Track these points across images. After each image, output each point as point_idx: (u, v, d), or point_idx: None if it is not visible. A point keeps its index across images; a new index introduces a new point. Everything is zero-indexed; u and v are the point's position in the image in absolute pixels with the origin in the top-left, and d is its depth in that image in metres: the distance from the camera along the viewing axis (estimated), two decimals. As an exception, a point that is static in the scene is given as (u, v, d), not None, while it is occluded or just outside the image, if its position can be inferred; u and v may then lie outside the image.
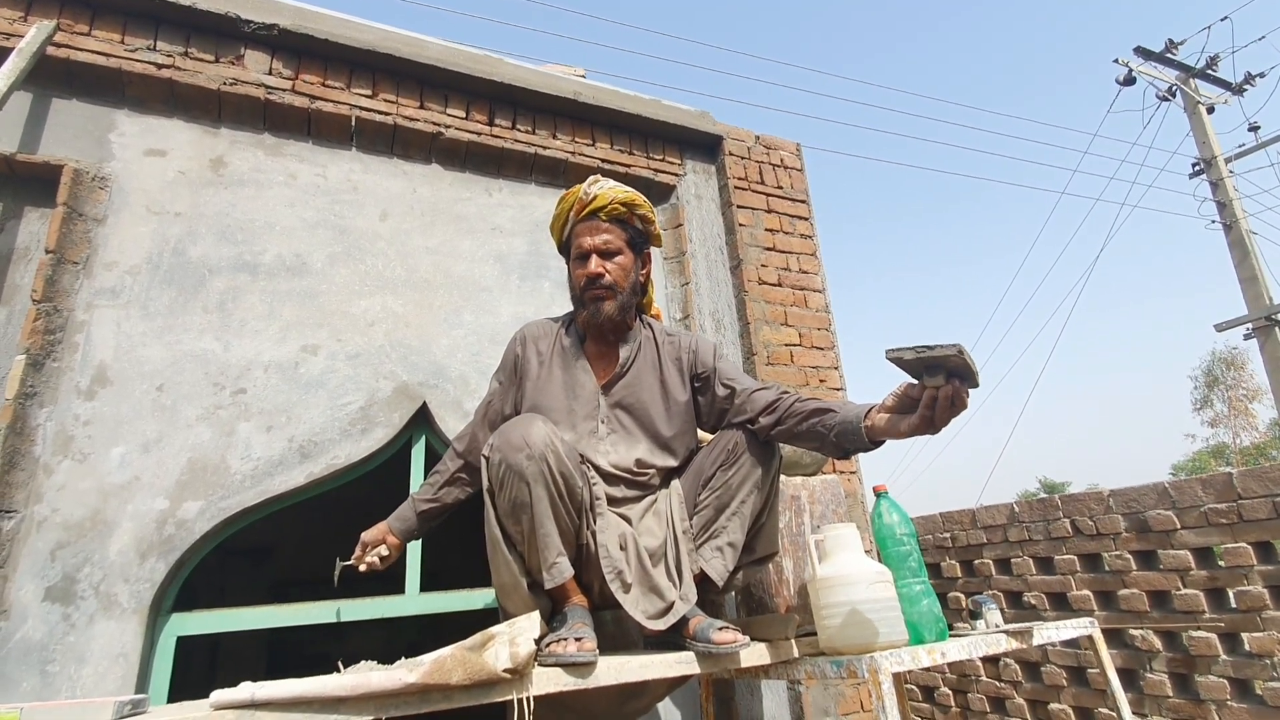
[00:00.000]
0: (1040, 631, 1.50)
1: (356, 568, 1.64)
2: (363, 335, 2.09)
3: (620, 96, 2.74)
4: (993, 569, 3.11)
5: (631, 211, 1.60)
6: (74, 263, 1.81)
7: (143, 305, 1.86)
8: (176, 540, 1.71)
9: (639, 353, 1.62)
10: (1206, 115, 9.64)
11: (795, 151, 3.13)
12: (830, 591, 1.34)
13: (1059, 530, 2.88)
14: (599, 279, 1.55)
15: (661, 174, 2.80)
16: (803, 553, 1.73)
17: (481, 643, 1.18)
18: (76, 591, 1.58)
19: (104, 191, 1.91)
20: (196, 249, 1.98)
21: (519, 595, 1.37)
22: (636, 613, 1.36)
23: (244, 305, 1.98)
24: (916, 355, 1.13)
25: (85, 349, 1.76)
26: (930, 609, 1.41)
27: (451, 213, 2.39)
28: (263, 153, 2.17)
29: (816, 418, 1.41)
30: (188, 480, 1.77)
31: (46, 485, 1.62)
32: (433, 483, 1.67)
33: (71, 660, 1.52)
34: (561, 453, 1.34)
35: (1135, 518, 2.67)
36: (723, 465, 1.50)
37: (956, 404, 1.16)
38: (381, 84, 2.35)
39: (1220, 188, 9.24)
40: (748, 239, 2.79)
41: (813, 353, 2.74)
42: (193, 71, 2.07)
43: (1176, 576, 2.55)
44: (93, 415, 1.72)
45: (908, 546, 1.47)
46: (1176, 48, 9.79)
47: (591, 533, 1.43)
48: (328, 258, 2.14)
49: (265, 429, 1.89)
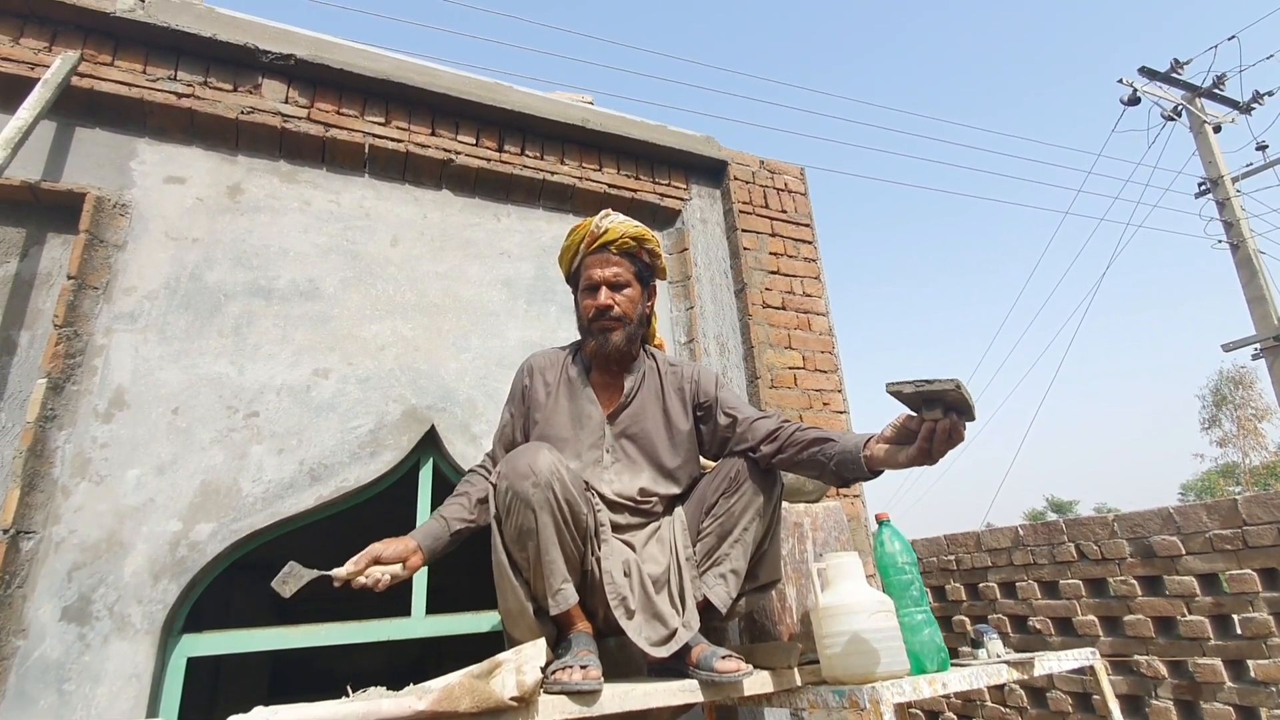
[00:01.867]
0: (1042, 662, 1.51)
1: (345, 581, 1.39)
2: (373, 359, 2.13)
3: (627, 123, 2.79)
4: (998, 592, 3.11)
5: (641, 246, 1.64)
6: (94, 288, 1.85)
7: (160, 329, 1.91)
8: (189, 562, 1.74)
9: (643, 383, 1.65)
10: (1213, 134, 9.66)
11: (799, 176, 3.17)
12: (833, 620, 1.36)
13: (1064, 554, 2.88)
14: (608, 310, 1.59)
15: (667, 199, 2.84)
16: (806, 580, 1.75)
17: (488, 670, 1.20)
18: (92, 612, 1.61)
19: (124, 218, 1.96)
20: (213, 274, 2.03)
21: (525, 621, 1.40)
22: (640, 639, 1.38)
23: (258, 329, 2.02)
24: (916, 389, 1.16)
25: (104, 373, 1.80)
26: (932, 638, 1.42)
27: (461, 238, 2.43)
28: (278, 180, 2.23)
29: (816, 447, 1.43)
30: (200, 502, 1.80)
31: (64, 507, 1.66)
32: (463, 503, 1.56)
33: (87, 680, 1.54)
34: (567, 480, 1.36)
35: (1140, 543, 2.67)
36: (725, 493, 1.52)
37: (954, 437, 1.19)
38: (394, 112, 2.41)
39: (1227, 207, 9.25)
40: (752, 263, 2.82)
41: (816, 375, 2.76)
42: (211, 101, 2.13)
43: (1182, 603, 2.54)
44: (110, 438, 1.76)
45: (909, 575, 1.49)
46: (1182, 67, 9.83)
47: (596, 559, 1.45)
48: (340, 282, 2.18)
49: (277, 451, 1.92)
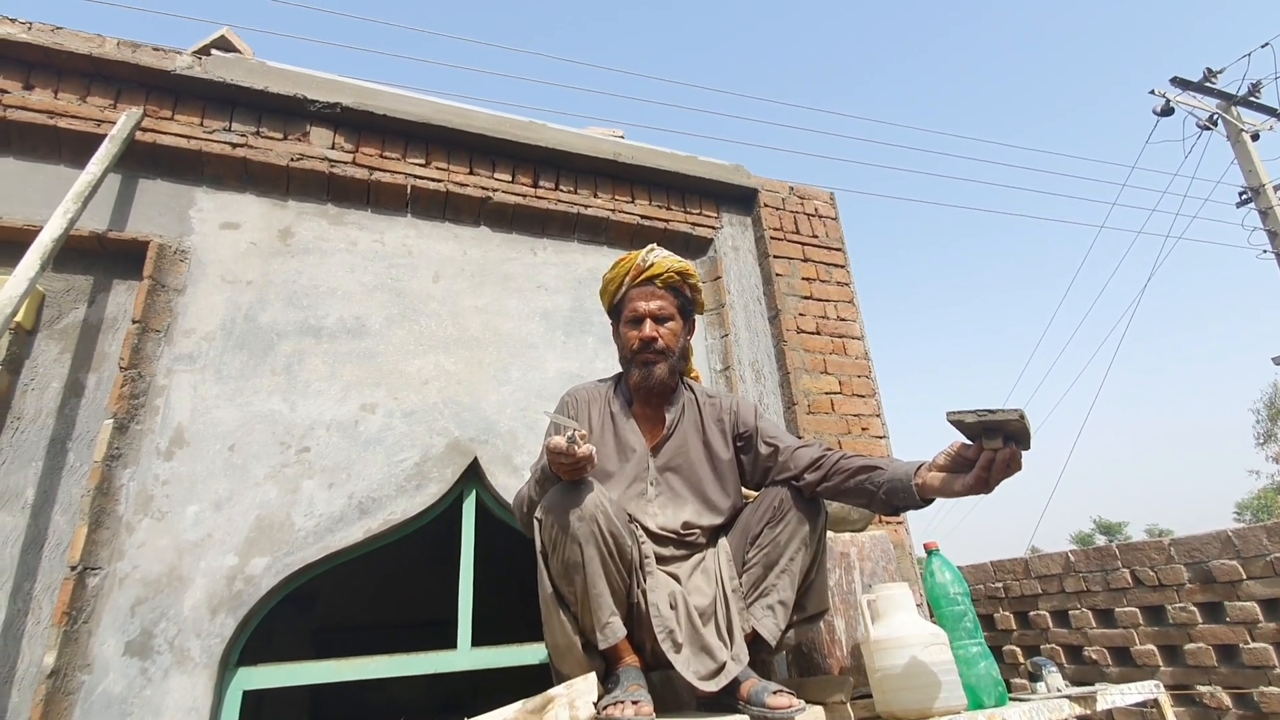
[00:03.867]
0: (1104, 696, 1.46)
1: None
2: (417, 393, 2.18)
3: (657, 155, 2.84)
4: (1049, 621, 3.01)
5: (684, 280, 1.68)
6: (156, 331, 1.94)
7: (217, 369, 1.98)
8: (245, 596, 1.79)
9: (683, 415, 1.66)
10: (1251, 143, 9.44)
11: (829, 200, 3.19)
12: (885, 654, 1.34)
13: (1118, 581, 2.79)
14: (653, 343, 1.62)
15: (699, 227, 2.88)
16: (854, 611, 1.72)
17: (542, 705, 1.21)
18: (153, 646, 1.65)
19: (184, 264, 2.05)
20: (266, 315, 2.11)
21: (574, 656, 1.40)
22: (688, 673, 1.37)
23: (308, 367, 2.09)
24: (979, 419, 1.15)
25: (165, 412, 1.88)
26: (989, 672, 1.39)
27: (499, 272, 2.49)
28: (326, 222, 2.31)
29: (864, 474, 1.42)
30: (255, 537, 1.85)
31: (128, 543, 1.72)
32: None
33: (148, 713, 1.58)
34: (610, 512, 1.37)
35: (1198, 568, 2.57)
36: (770, 522, 1.52)
37: (1012, 466, 1.19)
38: (434, 153, 2.50)
39: (1270, 216, 8.99)
40: (785, 288, 2.83)
41: (853, 400, 2.74)
42: (264, 149, 2.23)
43: (1245, 629, 2.44)
44: (171, 475, 1.83)
45: (962, 606, 1.46)
46: (1216, 76, 9.66)
47: (642, 591, 1.45)
48: (385, 319, 2.24)
49: (327, 486, 1.97)
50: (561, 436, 1.30)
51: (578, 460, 1.31)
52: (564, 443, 1.29)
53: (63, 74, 2.11)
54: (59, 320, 1.93)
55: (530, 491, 1.52)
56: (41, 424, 1.81)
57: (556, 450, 1.30)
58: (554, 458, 1.32)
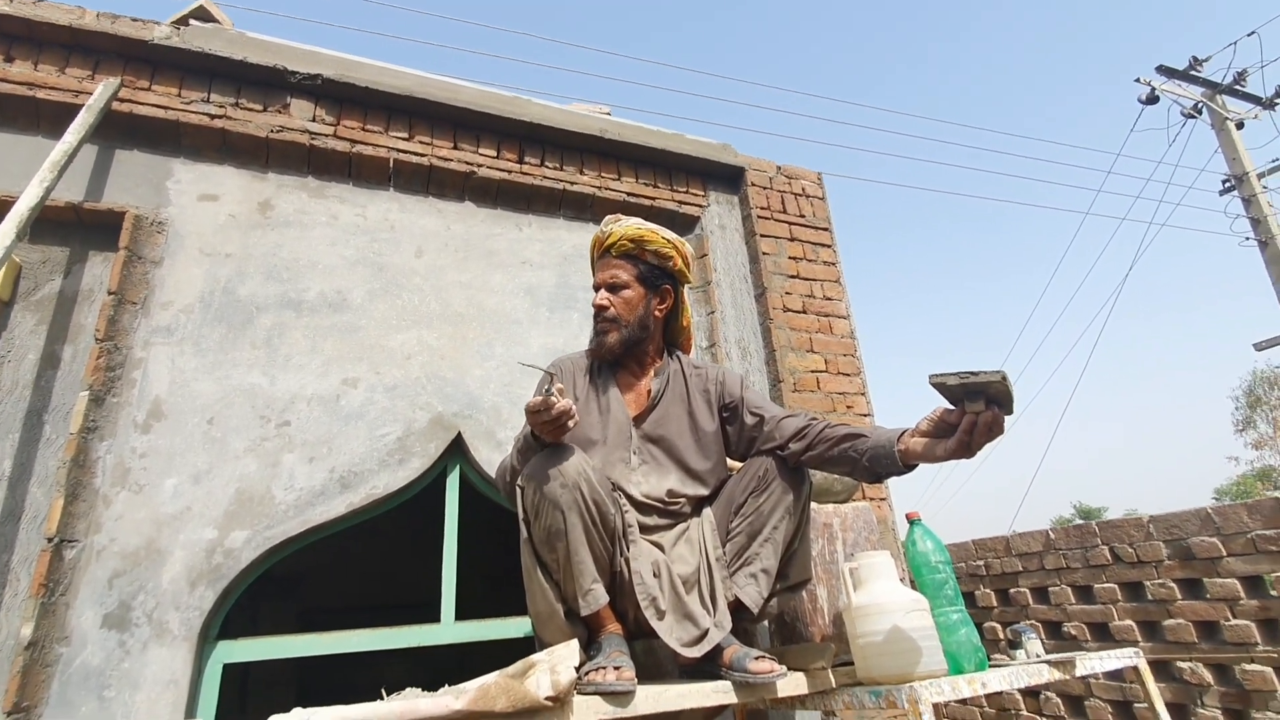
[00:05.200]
0: (1083, 662, 1.48)
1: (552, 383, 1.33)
2: (400, 368, 2.16)
3: (644, 132, 2.82)
4: (1030, 598, 3.05)
5: (641, 247, 1.66)
6: (133, 303, 1.91)
7: (195, 342, 1.95)
8: (224, 569, 1.77)
9: (668, 386, 1.66)
10: (1235, 131, 9.50)
11: (816, 181, 3.18)
12: (866, 620, 1.34)
13: (1098, 558, 2.82)
14: (602, 311, 1.64)
15: (686, 205, 2.86)
16: (836, 580, 1.73)
17: (523, 670, 1.21)
18: (131, 619, 1.64)
19: (161, 235, 2.02)
20: (245, 288, 2.07)
21: (555, 623, 1.40)
22: (671, 640, 1.38)
23: (288, 341, 2.06)
24: (961, 381, 1.14)
25: (142, 385, 1.85)
26: (969, 638, 1.40)
27: (483, 248, 2.47)
28: (307, 195, 2.28)
29: (848, 442, 1.42)
30: (235, 510, 1.83)
31: (105, 516, 1.70)
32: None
33: (127, 686, 1.57)
34: (594, 480, 1.37)
35: (1178, 544, 2.61)
36: (754, 492, 1.52)
37: (994, 429, 1.18)
38: (418, 127, 2.46)
39: (1253, 204, 9.07)
40: (772, 267, 2.82)
41: (839, 379, 2.75)
42: (243, 120, 2.19)
43: (1225, 606, 2.47)
44: (148, 448, 1.80)
45: (943, 574, 1.47)
46: (1201, 65, 9.70)
47: (625, 559, 1.45)
48: (367, 294, 2.22)
49: (308, 460, 1.95)
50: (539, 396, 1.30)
51: (556, 415, 1.30)
52: (539, 398, 1.29)
53: (43, 46, 2.07)
54: (35, 292, 1.90)
55: (513, 460, 1.51)
56: (18, 396, 1.78)
57: (534, 409, 1.29)
58: (533, 418, 1.31)
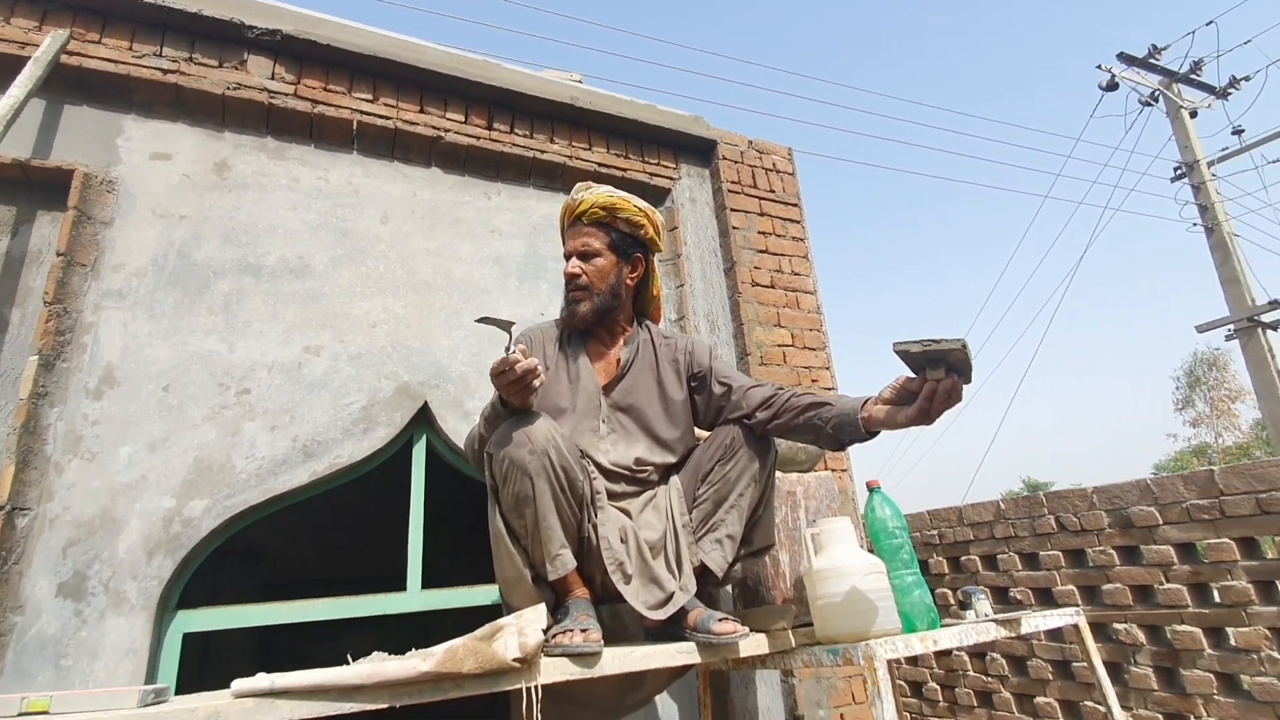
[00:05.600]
0: (1028, 620, 1.56)
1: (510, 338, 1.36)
2: (365, 336, 2.13)
3: (616, 101, 2.79)
4: (979, 565, 3.18)
5: (613, 215, 1.65)
6: (83, 265, 1.83)
7: (149, 307, 1.89)
8: (183, 538, 1.74)
9: (638, 355, 1.67)
10: (1189, 119, 9.80)
11: (787, 156, 3.19)
12: (826, 582, 1.39)
13: (1044, 527, 2.95)
14: (574, 279, 1.64)
15: (657, 177, 2.85)
16: (798, 546, 1.78)
17: (491, 633, 1.23)
18: (87, 588, 1.60)
19: (112, 195, 1.93)
20: (201, 251, 2.01)
21: (523, 588, 1.42)
22: (637, 603, 1.41)
23: (248, 307, 2.01)
24: (923, 349, 1.18)
25: (93, 350, 1.79)
26: (922, 599, 1.47)
27: (451, 216, 2.42)
28: (266, 156, 2.20)
29: (813, 411, 1.46)
30: (194, 479, 1.80)
31: (58, 484, 1.65)
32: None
33: (84, 655, 1.54)
34: (563, 447, 1.38)
35: (1118, 514, 2.74)
36: (720, 460, 1.55)
37: (953, 397, 1.22)
38: (382, 89, 2.39)
39: (1203, 191, 9.40)
40: (741, 241, 2.84)
41: (805, 353, 2.79)
42: (197, 76, 2.10)
43: (1159, 571, 2.61)
44: (101, 415, 1.75)
45: (900, 539, 1.53)
46: (1160, 53, 9.94)
47: (593, 525, 1.47)
48: (330, 260, 2.17)
49: (269, 429, 1.92)
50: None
51: (521, 375, 1.30)
52: (500, 359, 1.28)
53: (-17, -7, 1.95)
54: (-24, 252, 1.81)
55: (481, 428, 1.51)
56: (-41, 360, 1.71)
57: (497, 371, 1.29)
58: (498, 380, 1.31)
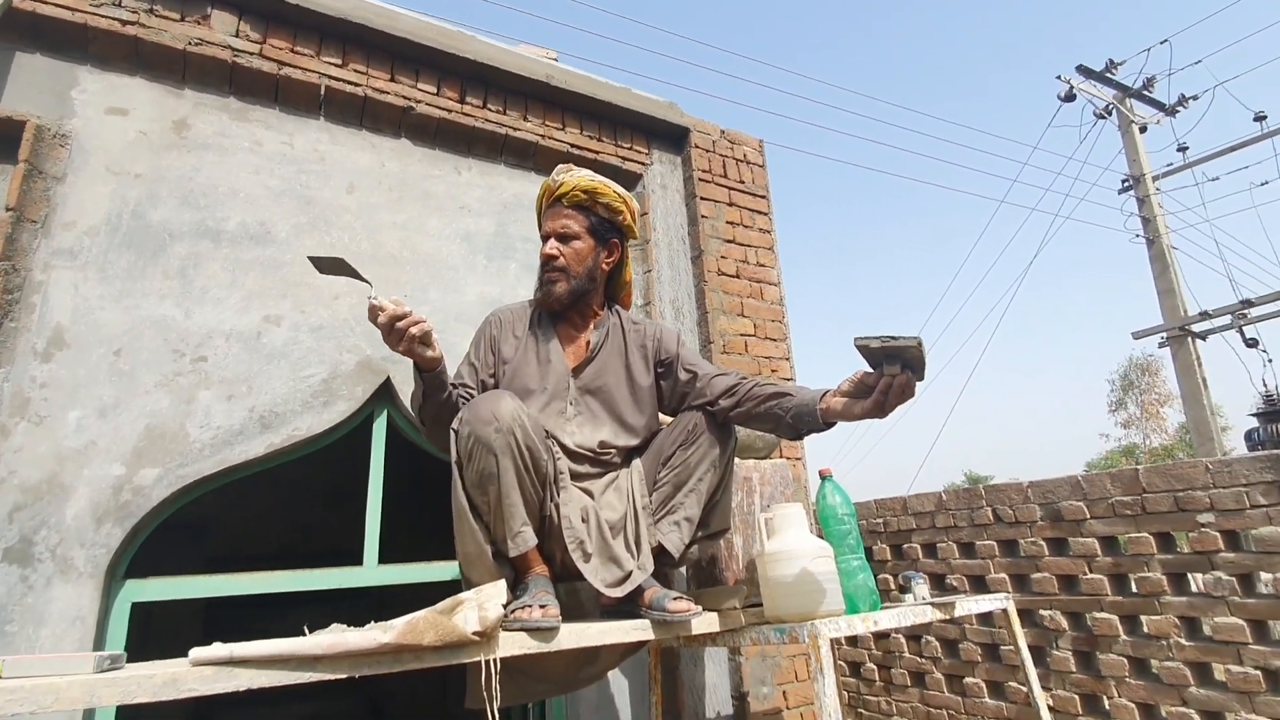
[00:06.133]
0: (962, 604, 1.66)
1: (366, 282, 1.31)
2: (327, 308, 2.10)
3: (592, 83, 2.78)
4: (920, 553, 3.32)
5: (594, 199, 1.67)
6: (33, 221, 1.76)
7: (101, 268, 1.83)
8: (133, 506, 1.71)
9: (607, 339, 1.70)
10: (1139, 134, 10.21)
11: (758, 148, 3.23)
12: (776, 565, 1.46)
13: (982, 518, 3.10)
14: (551, 261, 1.65)
15: (629, 162, 2.86)
16: (752, 530, 1.85)
17: (451, 607, 1.25)
18: (34, 554, 1.56)
19: (64, 149, 1.85)
20: (157, 213, 1.95)
21: (483, 564, 1.44)
22: (596, 581, 1.45)
23: (205, 272, 1.96)
24: (882, 344, 1.24)
25: (42, 310, 1.73)
26: (865, 583, 1.55)
27: (420, 189, 2.40)
28: (228, 117, 2.14)
29: (774, 400, 1.52)
30: (145, 447, 1.76)
31: (4, 447, 1.60)
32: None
33: (30, 621, 1.51)
34: (528, 427, 1.41)
35: (1050, 507, 2.89)
36: (682, 445, 1.59)
37: (907, 392, 1.29)
38: (352, 54, 2.34)
39: (1147, 204, 9.84)
40: (709, 230, 2.88)
41: (766, 343, 2.86)
42: (157, 30, 2.02)
43: (1084, 562, 2.78)
44: (49, 378, 1.69)
45: (848, 526, 1.60)
46: (1116, 68, 10.31)
47: (555, 505, 1.50)
48: (293, 228, 2.13)
49: (226, 398, 1.89)
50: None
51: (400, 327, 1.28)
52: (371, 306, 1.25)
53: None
54: (-90, 201, 1.72)
55: (413, 407, 1.53)
56: (-109, 315, 1.63)
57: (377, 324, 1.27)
58: (387, 341, 1.30)
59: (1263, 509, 2.11)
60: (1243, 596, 2.14)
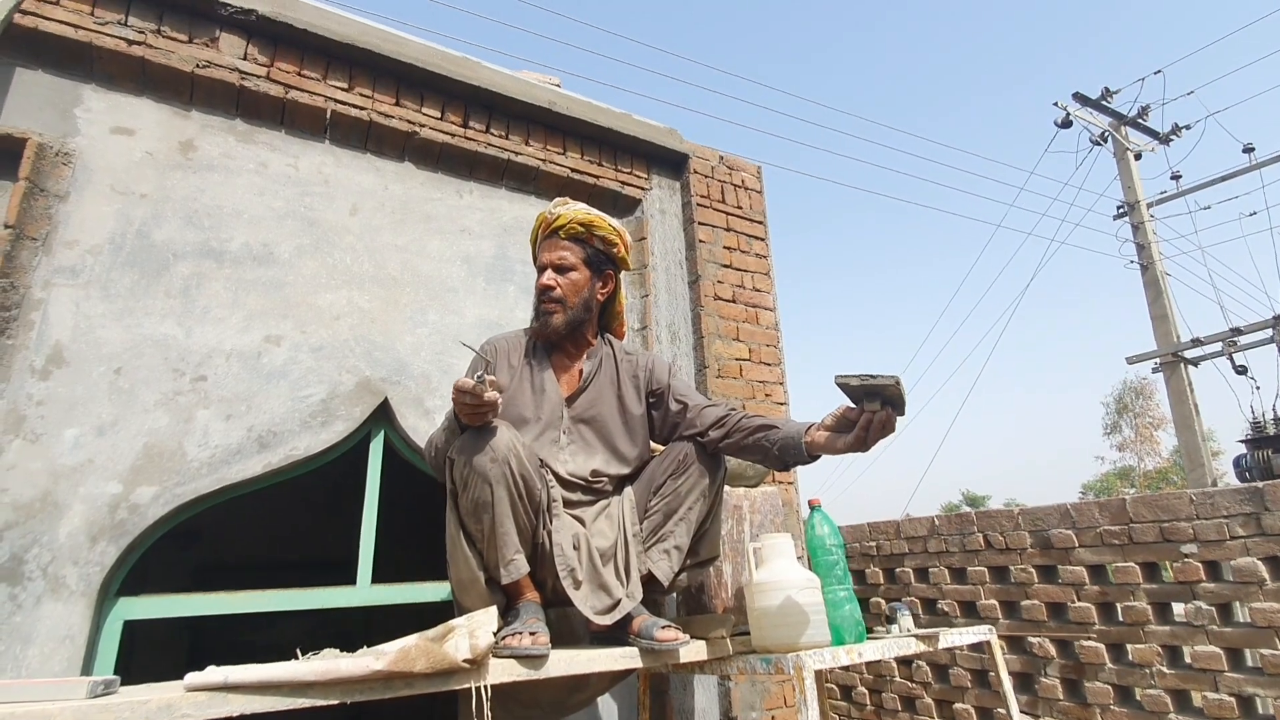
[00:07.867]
0: (945, 636, 1.67)
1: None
2: (327, 328, 2.12)
3: (593, 109, 2.82)
4: (912, 577, 3.33)
5: (590, 232, 1.71)
6: (33, 239, 1.78)
7: (103, 286, 1.85)
8: (128, 525, 1.72)
9: (600, 369, 1.72)
10: (1134, 162, 10.33)
11: (756, 174, 3.28)
12: (764, 595, 1.47)
13: (973, 544, 3.12)
14: (548, 292, 1.68)
15: (629, 187, 2.90)
16: (741, 558, 1.87)
17: (443, 634, 1.26)
18: (24, 572, 1.57)
19: (67, 168, 1.88)
20: (161, 232, 1.97)
21: (476, 590, 1.46)
22: (585, 608, 1.46)
23: (208, 292, 1.98)
24: (861, 383, 1.28)
25: (41, 327, 1.74)
26: (851, 614, 1.56)
27: (422, 212, 2.43)
28: (234, 139, 2.17)
29: (761, 433, 1.54)
30: (143, 465, 1.77)
31: (-2, 464, 1.61)
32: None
33: (17, 640, 1.51)
34: (523, 456, 1.43)
35: (1040, 535, 2.91)
36: (673, 474, 1.62)
37: (887, 428, 1.33)
38: (358, 78, 2.37)
39: (1141, 231, 9.94)
40: (707, 255, 2.92)
41: (761, 368, 2.89)
42: (165, 51, 2.05)
43: (1073, 590, 2.80)
44: (47, 395, 1.71)
45: (835, 556, 1.62)
46: (1112, 96, 10.45)
47: (548, 532, 1.52)
48: (295, 249, 2.15)
49: (224, 417, 1.90)
50: (472, 378, 1.34)
51: (481, 404, 1.35)
52: (472, 382, 1.33)
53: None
54: (-86, 217, 1.74)
55: (441, 437, 1.55)
56: (-108, 330, 1.64)
57: (463, 389, 1.33)
58: (459, 396, 1.35)
59: (1241, 540, 2.15)
60: (1220, 625, 2.18)
